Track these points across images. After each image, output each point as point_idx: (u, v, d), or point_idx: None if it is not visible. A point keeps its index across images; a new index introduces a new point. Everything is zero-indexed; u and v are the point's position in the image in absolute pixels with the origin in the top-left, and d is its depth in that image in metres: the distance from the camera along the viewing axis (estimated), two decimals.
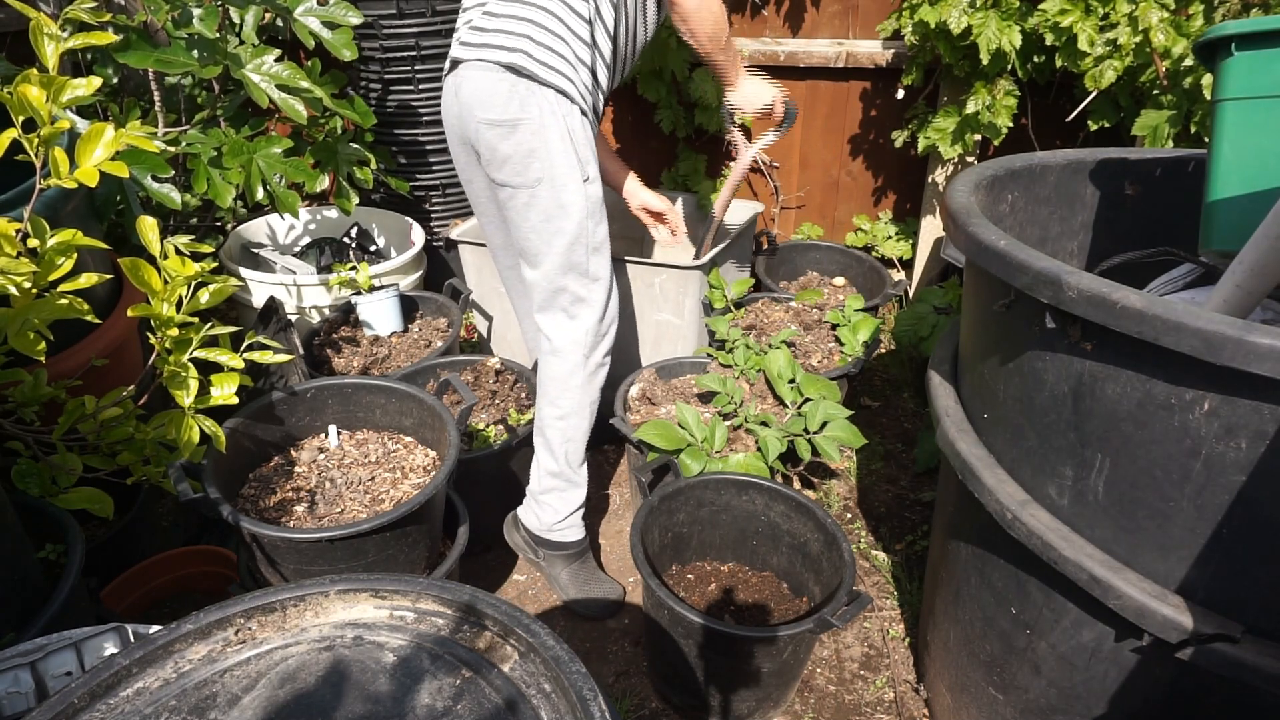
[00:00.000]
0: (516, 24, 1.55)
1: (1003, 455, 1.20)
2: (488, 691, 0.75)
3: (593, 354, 1.73)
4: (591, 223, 1.62)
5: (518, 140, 1.55)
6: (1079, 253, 1.62)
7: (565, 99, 1.55)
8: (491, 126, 1.56)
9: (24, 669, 1.08)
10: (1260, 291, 1.06)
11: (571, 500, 1.82)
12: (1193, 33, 1.96)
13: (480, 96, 1.56)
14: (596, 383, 1.77)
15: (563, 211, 1.59)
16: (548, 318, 1.72)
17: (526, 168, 1.57)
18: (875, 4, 2.82)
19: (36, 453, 1.46)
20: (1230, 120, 1.16)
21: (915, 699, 1.66)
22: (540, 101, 1.53)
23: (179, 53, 1.84)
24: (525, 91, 1.53)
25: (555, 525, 1.82)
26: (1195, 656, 0.95)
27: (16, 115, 1.19)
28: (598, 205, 1.63)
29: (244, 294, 2.39)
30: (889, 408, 2.62)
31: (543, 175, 1.57)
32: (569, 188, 1.58)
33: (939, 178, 2.82)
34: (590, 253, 1.64)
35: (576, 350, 1.71)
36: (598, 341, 1.73)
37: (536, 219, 1.61)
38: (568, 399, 1.74)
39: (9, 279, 1.19)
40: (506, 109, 1.54)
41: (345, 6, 2.09)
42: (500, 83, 1.54)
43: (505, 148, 1.57)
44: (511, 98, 1.53)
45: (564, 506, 1.82)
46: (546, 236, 1.62)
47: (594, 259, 1.66)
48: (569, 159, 1.56)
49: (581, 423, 1.77)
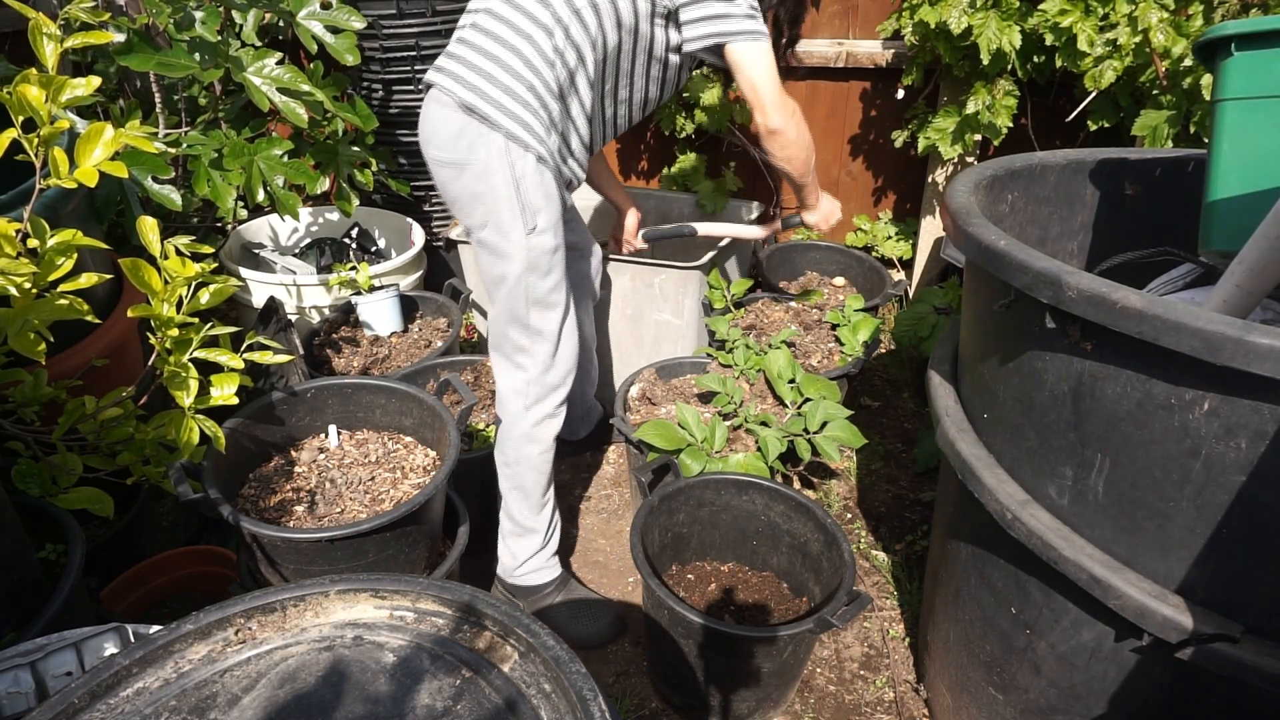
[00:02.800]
0: (480, 58, 1.49)
1: (1003, 455, 1.20)
2: (488, 691, 0.75)
3: (535, 407, 1.66)
4: (534, 276, 1.55)
5: (464, 183, 1.51)
6: (1079, 253, 1.62)
7: (517, 144, 1.47)
8: (441, 166, 1.53)
9: (24, 669, 1.08)
10: (1260, 291, 1.06)
11: (527, 546, 1.76)
12: (1192, 33, 1.96)
13: (430, 134, 1.53)
14: (541, 436, 1.69)
15: (504, 260, 1.54)
16: (495, 361, 1.69)
17: (471, 211, 1.53)
18: (875, 4, 2.82)
19: (37, 453, 1.46)
20: (1230, 120, 1.16)
21: (915, 699, 1.66)
22: (489, 145, 1.47)
23: (180, 55, 1.84)
24: (475, 134, 1.47)
25: (516, 571, 1.78)
26: (1195, 656, 0.95)
27: (16, 115, 1.19)
28: (544, 256, 1.54)
29: (244, 294, 2.39)
30: (889, 408, 2.62)
31: (487, 220, 1.52)
32: (511, 237, 1.52)
33: (939, 178, 2.82)
34: (531, 305, 1.57)
35: (517, 399, 1.66)
36: (543, 394, 1.66)
37: (484, 261, 1.57)
38: (510, 448, 1.69)
39: (9, 279, 1.19)
40: (455, 149, 1.49)
41: (348, 11, 2.09)
42: (452, 121, 1.49)
43: (453, 189, 1.53)
44: (460, 138, 1.48)
45: (521, 552, 1.76)
46: (491, 280, 1.58)
47: (535, 313, 1.58)
48: (513, 207, 1.50)
49: (526, 474, 1.70)
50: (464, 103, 1.47)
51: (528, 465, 1.70)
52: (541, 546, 1.78)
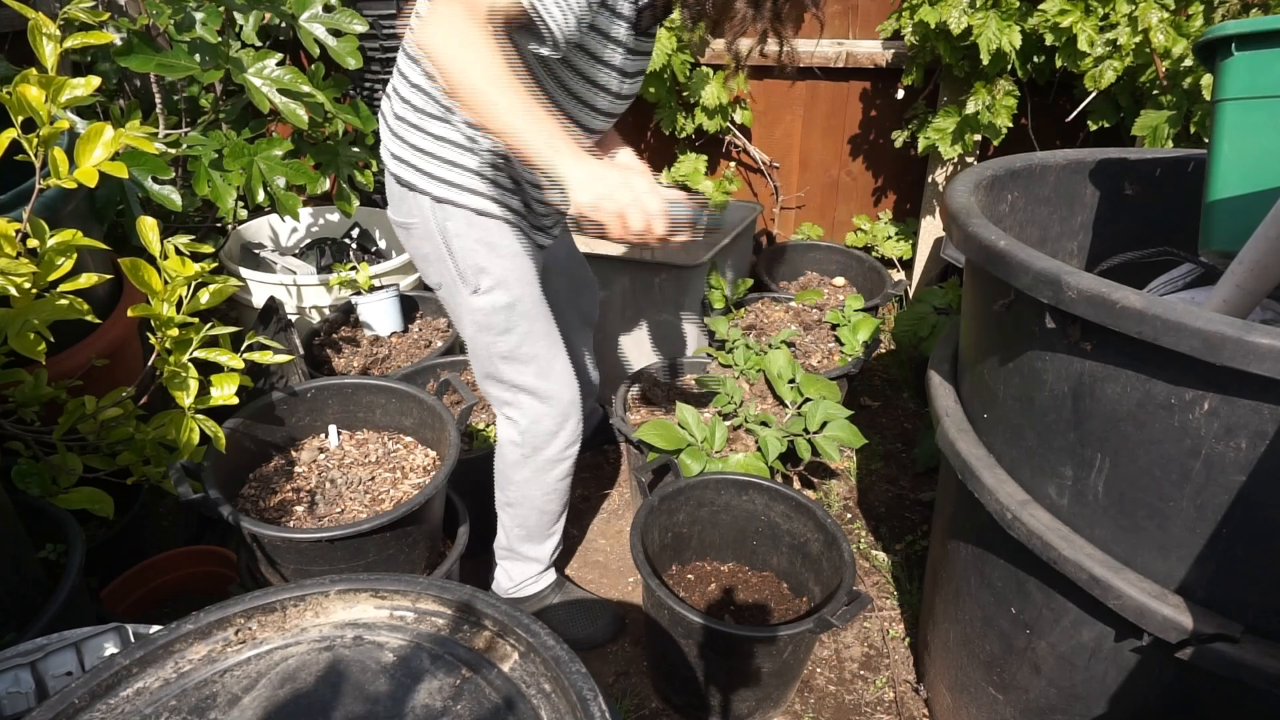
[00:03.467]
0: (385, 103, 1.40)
1: (1003, 455, 1.20)
2: (487, 691, 0.76)
3: (538, 454, 1.57)
4: (488, 335, 1.46)
5: (413, 245, 1.46)
6: (1079, 253, 1.62)
7: (446, 205, 1.36)
8: (395, 226, 1.48)
9: (24, 669, 1.08)
10: (1260, 291, 1.06)
11: (524, 570, 1.74)
12: (1193, 33, 1.96)
13: (387, 189, 1.46)
14: (550, 479, 1.61)
15: (459, 320, 1.50)
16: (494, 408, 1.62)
17: (426, 271, 1.48)
18: (875, 4, 2.82)
19: (37, 453, 1.46)
20: (1230, 120, 1.16)
21: (915, 699, 1.66)
22: (418, 206, 1.38)
23: (181, 56, 1.84)
24: (410, 195, 1.39)
25: (511, 590, 1.77)
26: (1195, 656, 0.95)
27: (16, 115, 1.19)
28: (495, 315, 1.44)
29: (244, 294, 2.39)
30: (889, 408, 2.62)
31: (441, 280, 1.46)
32: (458, 297, 1.45)
33: (939, 178, 2.82)
34: (500, 361, 1.49)
35: (514, 449, 1.58)
36: (544, 442, 1.56)
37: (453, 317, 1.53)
38: (512, 490, 1.64)
39: (9, 279, 1.19)
40: (399, 209, 1.43)
41: (350, 14, 2.08)
42: (393, 180, 1.41)
43: (410, 247, 1.48)
44: (403, 200, 1.41)
45: (518, 574, 1.75)
46: (464, 337, 1.53)
47: (507, 368, 1.49)
48: (450, 270, 1.42)
49: (529, 515, 1.64)
50: (388, 170, 1.41)
51: (532, 508, 1.64)
52: (541, 571, 1.75)
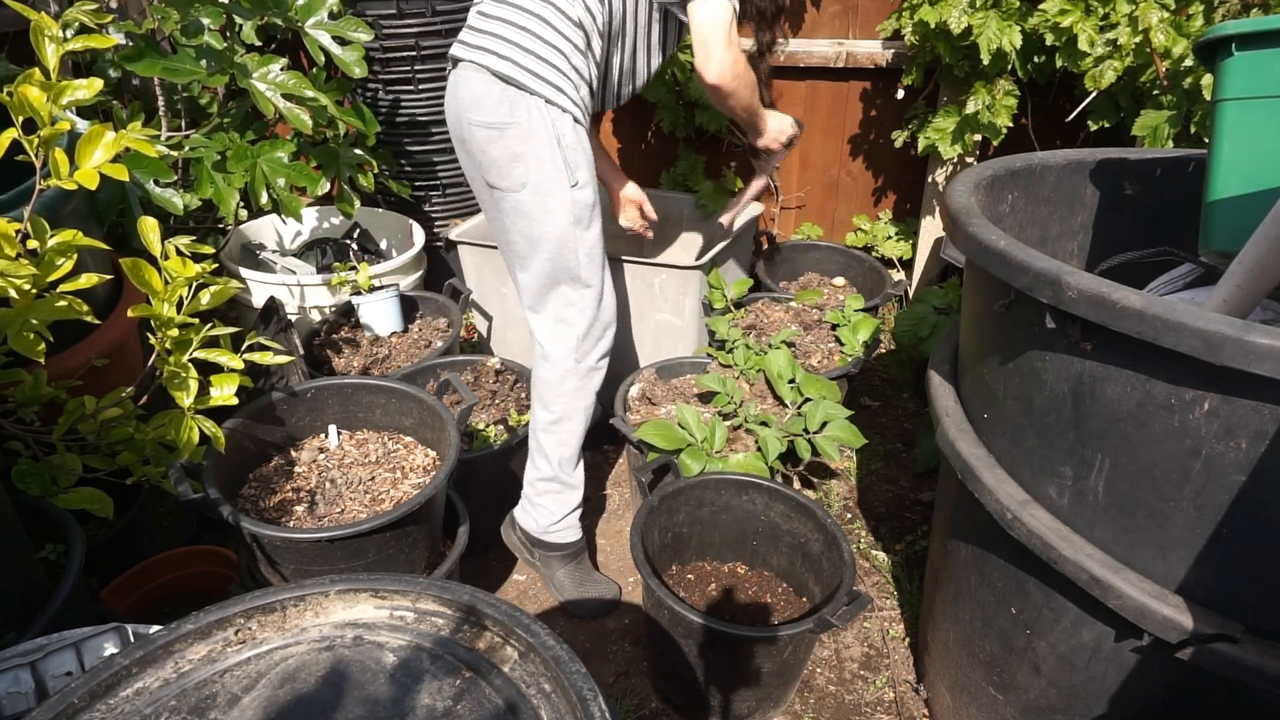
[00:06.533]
0: (507, 29, 1.55)
1: (1003, 455, 1.20)
2: (488, 692, 0.76)
3: (585, 359, 1.71)
4: (579, 228, 1.60)
5: (504, 144, 1.55)
6: (1079, 253, 1.62)
7: (555, 107, 1.54)
8: (481, 128, 1.57)
9: (24, 669, 1.08)
10: (1260, 291, 1.06)
11: (567, 502, 1.81)
12: (1193, 33, 1.96)
13: (472, 98, 1.57)
14: (591, 386, 1.75)
15: (548, 216, 1.58)
16: (538, 321, 1.72)
17: (510, 171, 1.57)
18: (875, 4, 2.82)
19: (36, 453, 1.46)
20: (1230, 120, 1.16)
21: (915, 699, 1.66)
22: (529, 106, 1.53)
23: (186, 61, 1.85)
24: (515, 97, 1.53)
25: (551, 527, 1.82)
26: (1195, 656, 0.95)
27: (17, 116, 1.19)
28: (587, 210, 1.61)
29: (244, 294, 2.39)
30: (889, 408, 2.62)
31: (527, 179, 1.56)
32: (554, 192, 1.57)
33: (939, 178, 2.82)
34: (578, 257, 1.62)
35: (567, 356, 1.70)
36: (591, 346, 1.71)
37: (524, 223, 1.61)
38: (560, 403, 1.73)
39: (9, 280, 1.19)
40: (496, 112, 1.54)
41: (356, 22, 2.08)
42: (491, 86, 1.54)
43: (493, 151, 1.57)
44: (501, 102, 1.54)
45: (559, 509, 1.81)
46: (533, 240, 1.61)
47: (583, 264, 1.63)
48: (556, 164, 1.55)
49: (576, 426, 1.76)
50: (499, 72, 1.52)
51: (579, 419, 1.75)
52: (580, 502, 1.84)
